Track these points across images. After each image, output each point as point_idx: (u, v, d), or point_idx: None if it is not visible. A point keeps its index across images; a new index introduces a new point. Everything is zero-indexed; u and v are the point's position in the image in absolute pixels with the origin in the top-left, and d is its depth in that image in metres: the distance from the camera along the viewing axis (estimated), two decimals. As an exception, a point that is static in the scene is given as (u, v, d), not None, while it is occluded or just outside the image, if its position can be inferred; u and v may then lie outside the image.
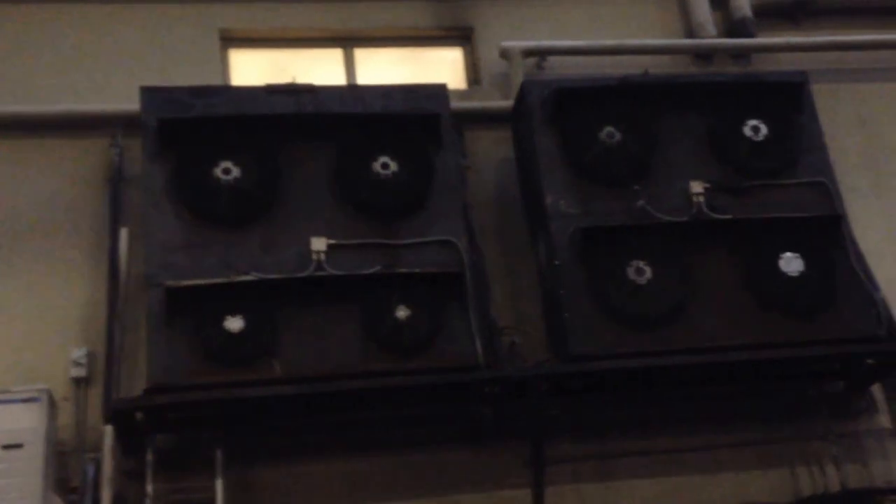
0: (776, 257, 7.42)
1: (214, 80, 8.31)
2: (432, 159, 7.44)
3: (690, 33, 9.07)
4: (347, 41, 8.83)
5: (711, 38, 8.95)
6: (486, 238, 7.92)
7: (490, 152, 8.24)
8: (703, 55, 9.01)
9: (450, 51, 9.05)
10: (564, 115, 7.68)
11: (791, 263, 7.42)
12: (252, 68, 8.67)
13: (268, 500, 7.13)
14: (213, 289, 6.82)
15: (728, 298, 7.36)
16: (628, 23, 9.10)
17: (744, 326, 7.29)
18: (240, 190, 7.13)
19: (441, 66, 8.98)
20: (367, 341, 6.89)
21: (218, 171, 7.13)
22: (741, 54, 9.04)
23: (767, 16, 9.27)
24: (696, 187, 7.57)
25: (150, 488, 6.81)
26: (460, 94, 8.54)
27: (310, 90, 7.57)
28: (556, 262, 7.29)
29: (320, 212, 7.22)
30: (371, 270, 7.03)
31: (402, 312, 6.93)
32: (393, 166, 7.32)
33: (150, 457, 6.89)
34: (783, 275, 7.39)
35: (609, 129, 7.64)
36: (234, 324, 6.76)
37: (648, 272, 7.27)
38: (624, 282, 7.24)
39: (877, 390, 7.93)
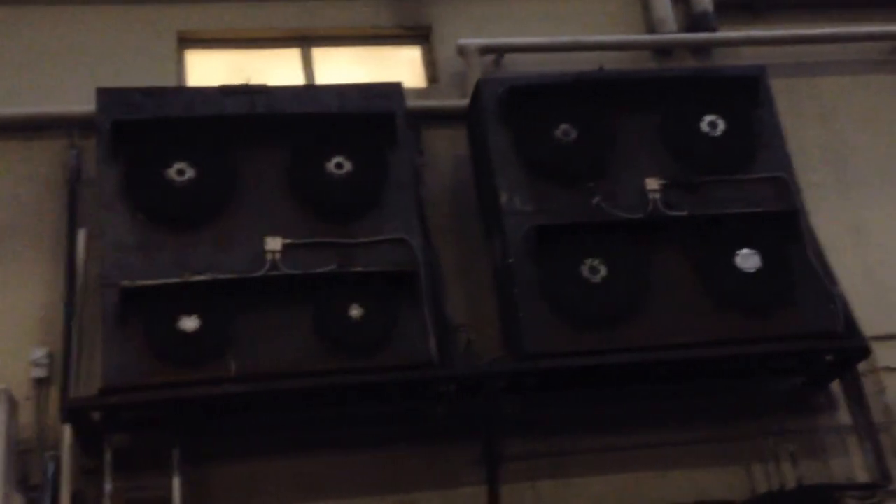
0: (732, 254, 7.72)
1: (171, 82, 8.66)
2: (386, 158, 7.75)
3: (651, 29, 9.35)
4: (305, 41, 9.17)
5: (671, 34, 9.20)
6: (443, 236, 8.25)
7: (447, 150, 8.55)
8: (663, 50, 9.34)
9: (408, 49, 9.36)
10: (518, 112, 7.99)
11: (747, 260, 7.73)
12: (210, 69, 8.99)
13: (224, 498, 7.44)
14: (166, 289, 7.14)
15: (684, 296, 7.65)
16: (589, 19, 9.40)
17: (699, 324, 7.58)
18: (194, 190, 7.46)
19: (400, 65, 9.28)
20: (320, 340, 7.20)
21: (172, 172, 7.46)
22: (701, 49, 9.38)
23: (729, 10, 9.56)
24: (652, 184, 7.86)
25: (107, 486, 7.10)
26: (418, 93, 8.88)
27: (264, 91, 7.89)
28: (510, 261, 7.59)
29: (275, 212, 7.53)
30: (325, 269, 7.32)
31: (355, 311, 7.25)
32: (347, 166, 7.64)
33: (108, 455, 7.18)
34: (739, 271, 7.71)
35: (564, 126, 7.97)
36: (189, 323, 7.09)
37: (603, 270, 7.58)
38: (578, 280, 7.55)
39: (837, 387, 8.15)
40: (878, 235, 8.91)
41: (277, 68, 9.07)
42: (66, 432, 7.11)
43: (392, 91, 8.04)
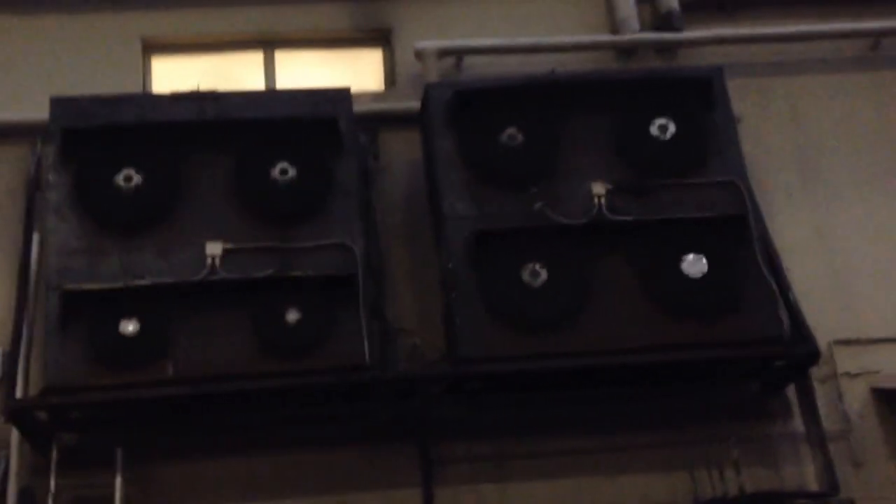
0: (678, 259, 7.96)
1: (136, 88, 9.18)
2: (331, 164, 8.13)
3: (615, 29, 9.60)
4: (268, 44, 9.59)
5: (634, 34, 9.45)
6: (396, 239, 8.71)
7: (403, 154, 8.88)
8: (626, 51, 9.56)
9: (370, 52, 9.73)
10: (464, 117, 8.30)
11: (693, 265, 7.95)
12: (175, 75, 9.45)
13: (168, 497, 7.94)
14: (107, 293, 7.62)
15: (627, 301, 7.89)
16: (554, 20, 9.66)
17: (641, 329, 7.82)
18: (140, 196, 7.92)
19: (362, 68, 9.66)
20: (257, 343, 7.62)
21: (119, 179, 7.93)
22: (666, 49, 9.58)
23: (700, 8, 9.75)
24: (598, 188, 8.10)
25: (52, 484, 7.62)
26: (376, 96, 9.30)
27: (214, 97, 8.30)
28: (450, 265, 7.93)
29: (219, 217, 7.94)
30: (262, 274, 7.74)
31: (292, 315, 7.66)
32: (291, 171, 8.04)
33: (54, 454, 7.71)
34: (684, 276, 7.94)
35: (510, 130, 8.26)
36: (128, 327, 7.56)
37: (543, 275, 7.88)
38: (517, 285, 7.86)
39: (792, 393, 8.39)
40: (844, 239, 9.07)
41: (241, 72, 9.52)
42: (14, 431, 7.68)
43: (340, 96, 8.39)
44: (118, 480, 7.68)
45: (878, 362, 8.64)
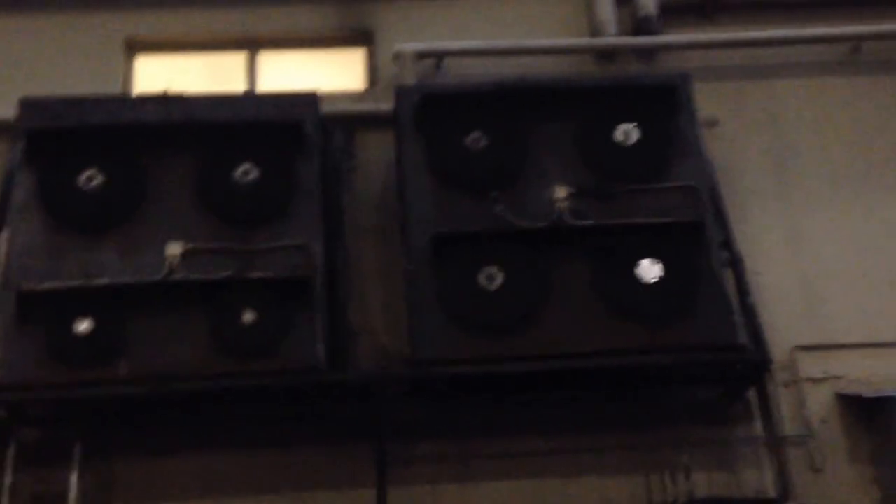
0: (634, 264, 7.78)
1: (118, 88, 9.14)
2: (295, 167, 7.99)
3: (595, 32, 9.37)
4: (252, 45, 9.48)
5: (613, 37, 9.22)
6: (368, 240, 8.60)
7: (380, 154, 8.73)
8: (605, 54, 9.32)
9: (352, 53, 9.58)
10: (431, 120, 8.15)
11: (648, 270, 7.77)
12: (158, 75, 9.38)
13: (127, 494, 7.88)
14: (65, 292, 7.54)
15: (584, 305, 7.72)
16: (534, 23, 9.45)
17: (597, 333, 7.64)
18: (102, 197, 7.84)
19: (344, 69, 9.52)
20: (213, 344, 7.50)
21: (82, 179, 7.84)
22: (646, 53, 9.32)
23: (680, 12, 9.53)
24: (560, 193, 7.94)
25: (8, 480, 7.64)
26: (355, 97, 9.16)
27: (181, 99, 8.20)
28: (410, 268, 7.79)
29: (181, 218, 7.83)
30: (220, 275, 7.62)
31: (248, 316, 7.54)
32: (254, 174, 7.92)
33: (11, 450, 7.70)
34: (639, 282, 7.75)
35: (475, 134, 8.09)
36: (83, 326, 7.47)
37: (500, 279, 7.71)
38: (474, 288, 7.70)
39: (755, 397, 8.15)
40: (816, 243, 8.83)
41: (225, 73, 9.42)
42: (-27, 426, 7.66)
43: (306, 101, 8.26)
44: (74, 476, 7.67)
45: (844, 367, 8.44)
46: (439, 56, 9.15)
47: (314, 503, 7.91)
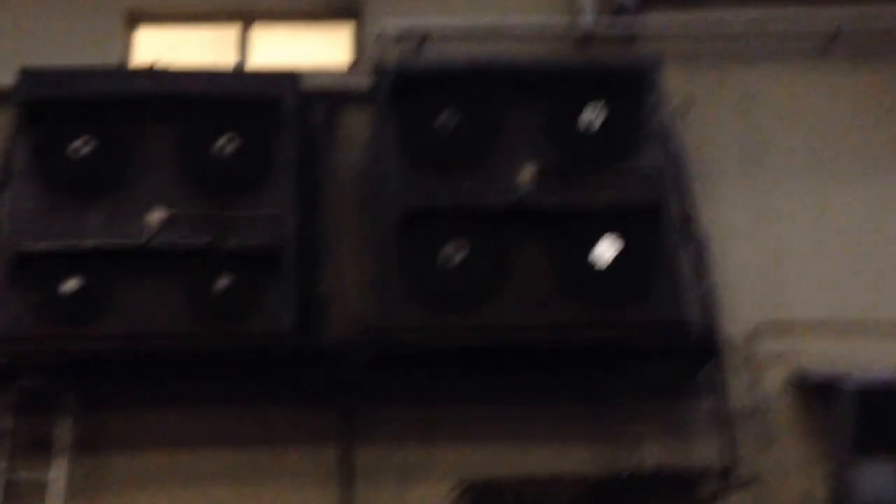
0: (592, 243, 7.96)
1: (120, 57, 9.44)
2: (271, 141, 8.25)
3: (575, 15, 9.47)
4: (245, 17, 9.71)
5: (590, 21, 9.34)
6: (345, 212, 8.83)
7: (362, 130, 8.88)
8: (583, 38, 9.42)
9: (341, 28, 9.76)
10: (404, 99, 8.33)
11: (605, 250, 7.94)
12: (157, 46, 9.66)
13: (115, 441, 8.29)
14: (55, 254, 7.91)
15: (542, 282, 7.94)
16: (517, 5, 9.57)
17: (552, 310, 7.88)
18: (92, 164, 8.16)
19: (332, 44, 9.73)
20: (189, 307, 7.84)
21: (73, 147, 8.16)
22: (623, 37, 9.40)
23: (659, -3, 9.57)
24: (525, 174, 8.10)
25: (7, 423, 8.08)
26: (340, 73, 9.36)
27: (168, 72, 8.50)
28: (376, 242, 8.04)
29: (164, 187, 8.14)
30: (198, 242, 7.93)
31: (222, 282, 7.86)
32: (232, 146, 8.18)
33: (10, 398, 8.13)
34: (596, 261, 7.94)
35: (446, 113, 8.26)
36: (71, 285, 7.83)
37: (461, 255, 7.93)
38: (436, 263, 7.93)
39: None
40: (783, 224, 8.98)
41: (220, 45, 9.67)
42: (-25, 377, 8.09)
43: (287, 78, 8.51)
44: (66, 423, 8.11)
45: (802, 344, 8.55)
46: (421, 34, 9.28)
47: (286, 458, 8.26)
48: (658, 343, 8.05)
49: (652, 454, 8.25)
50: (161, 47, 9.64)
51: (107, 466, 8.19)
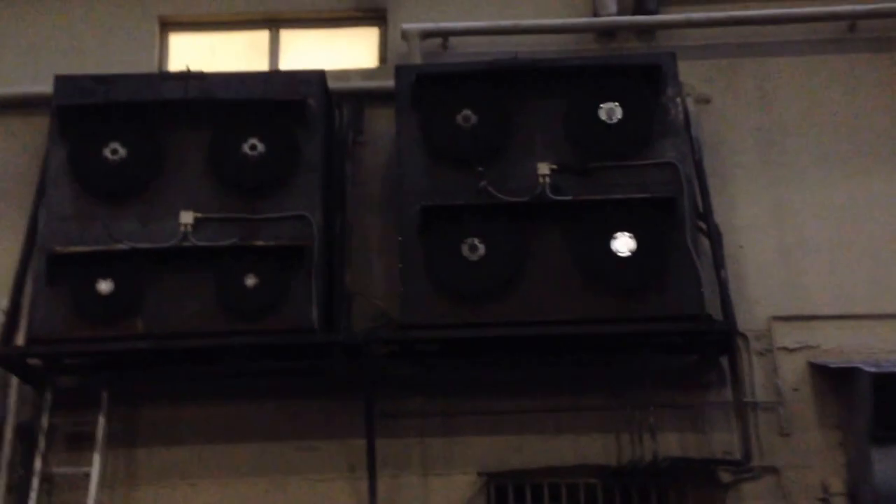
0: (610, 237, 7.93)
1: (154, 64, 9.55)
2: (298, 141, 8.29)
3: (596, 12, 9.42)
4: (274, 23, 9.77)
5: (612, 16, 9.28)
6: (371, 210, 8.85)
7: (388, 129, 8.77)
8: (606, 33, 9.38)
9: (367, 31, 9.81)
10: (426, 98, 8.35)
11: (623, 243, 7.92)
12: (190, 51, 9.76)
13: (148, 436, 8.38)
14: (89, 255, 8.00)
15: (561, 276, 7.90)
16: (539, 2, 9.54)
17: (572, 302, 7.84)
18: (124, 168, 8.25)
19: (359, 46, 9.77)
20: (219, 305, 7.91)
21: (107, 152, 8.26)
22: (644, 31, 9.35)
23: (680, -11, 9.48)
24: (543, 169, 8.07)
25: (44, 421, 8.15)
26: (366, 74, 9.38)
27: (199, 77, 8.53)
28: (400, 238, 8.07)
29: (194, 189, 8.20)
30: (226, 242, 8.01)
31: (250, 280, 7.92)
32: (260, 147, 8.24)
33: (48, 395, 8.23)
34: (613, 254, 7.90)
35: (466, 112, 8.27)
36: (104, 286, 7.93)
37: (482, 249, 7.93)
38: (457, 258, 7.94)
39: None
40: (799, 218, 8.83)
41: (250, 49, 9.78)
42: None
43: (312, 78, 8.53)
44: (101, 418, 8.17)
45: (819, 337, 8.48)
46: (444, 35, 9.29)
47: (312, 451, 8.30)
48: (676, 335, 8.02)
49: (671, 444, 8.18)
50: (194, 53, 9.72)
51: (140, 459, 8.28)
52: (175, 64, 9.67)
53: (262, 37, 9.80)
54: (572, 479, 8.24)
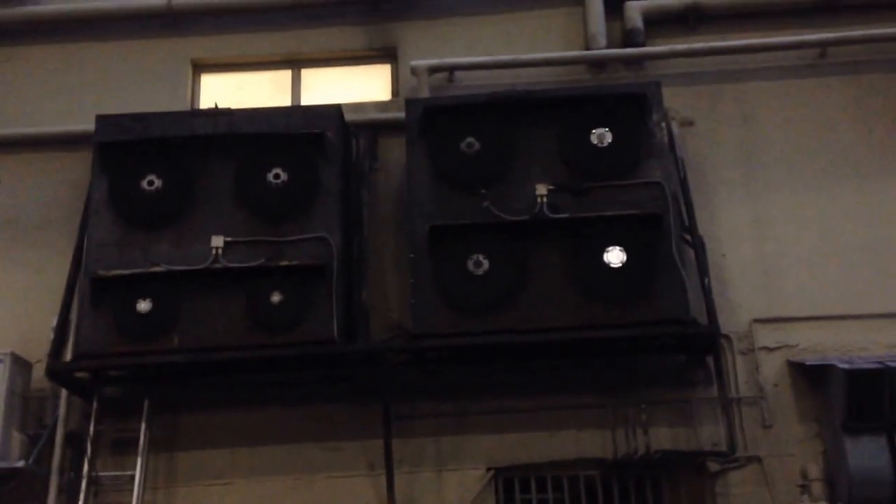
0: (602, 251, 8.14)
1: (187, 102, 9.82)
2: (318, 170, 8.55)
3: (587, 44, 9.65)
4: (295, 63, 10.05)
5: (602, 49, 9.51)
6: (388, 231, 9.09)
7: (400, 157, 9.02)
8: (597, 64, 9.60)
9: (381, 67, 10.06)
10: (433, 128, 8.61)
11: (614, 256, 8.13)
12: (220, 90, 10.05)
13: (186, 442, 8.61)
14: (128, 277, 8.27)
15: (558, 287, 8.12)
16: (536, 35, 9.75)
17: (569, 311, 8.06)
18: (160, 198, 8.52)
19: (374, 82, 10.02)
20: (247, 320, 8.16)
21: (144, 183, 8.54)
22: (633, 62, 9.57)
23: (666, 21, 9.71)
24: (541, 189, 8.29)
25: (91, 428, 8.44)
26: (380, 106, 9.64)
27: (227, 113, 8.82)
28: (411, 256, 8.31)
29: (224, 215, 8.46)
30: (254, 263, 8.25)
31: (276, 297, 8.16)
32: (283, 176, 8.50)
33: (95, 405, 8.51)
34: (606, 267, 8.11)
35: (469, 139, 8.52)
36: (143, 306, 8.20)
37: (486, 265, 8.16)
38: (463, 273, 8.17)
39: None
40: (777, 229, 9.00)
41: (274, 87, 10.05)
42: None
43: (330, 112, 8.80)
44: (143, 426, 8.44)
45: (796, 337, 8.66)
46: (450, 69, 9.54)
47: (335, 452, 8.50)
48: (665, 338, 8.20)
49: (662, 438, 8.37)
50: (223, 92, 9.98)
51: (179, 462, 8.51)
52: (206, 102, 9.95)
53: (284, 76, 10.07)
54: (573, 472, 8.49)
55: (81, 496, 8.15)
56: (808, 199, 9.10)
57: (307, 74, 10.06)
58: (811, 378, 8.43)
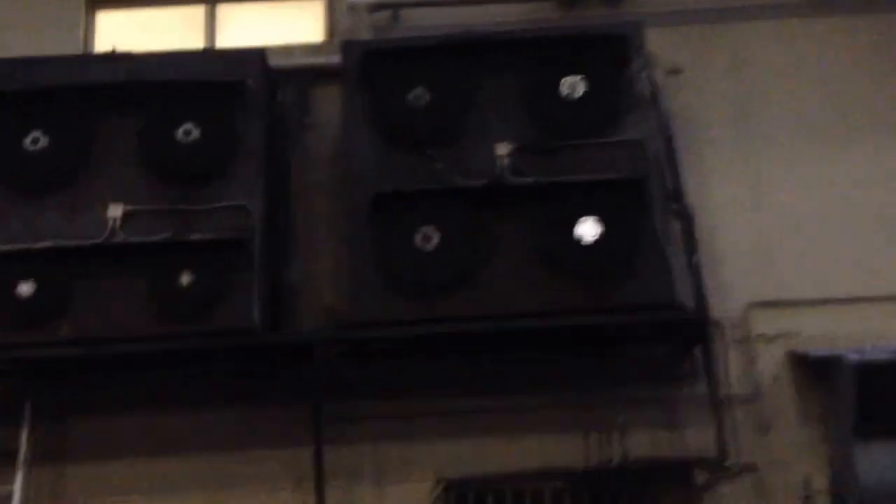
0: (574, 222, 7.62)
1: (78, 45, 9.09)
2: (236, 125, 7.91)
3: (561, -21, 9.09)
4: (211, -2, 9.38)
5: (573, -18, 8.94)
6: (320, 198, 8.49)
7: (337, 110, 8.45)
8: (568, 0, 9.00)
9: (312, 4, 9.41)
10: (375, 76, 8.02)
11: (588, 229, 7.60)
12: (119, 31, 9.30)
13: (76, 452, 8.00)
14: (8, 255, 7.58)
15: (523, 265, 7.62)
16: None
17: (534, 293, 7.55)
18: (46, 159, 7.84)
19: (304, 21, 9.36)
20: (151, 306, 7.51)
21: (27, 141, 7.83)
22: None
23: (650, -46, 9.19)
24: (502, 149, 7.76)
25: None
26: (311, 50, 9.04)
27: (128, 57, 8.17)
28: (347, 228, 7.71)
29: (124, 179, 7.82)
30: (159, 237, 7.59)
31: (185, 278, 7.53)
32: (195, 133, 7.86)
33: (-33, 407, 7.87)
34: (579, 240, 7.60)
35: (418, 89, 7.93)
36: (26, 288, 7.50)
37: (436, 239, 7.63)
38: (410, 249, 7.60)
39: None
40: (777, 196, 8.56)
41: (184, 27, 9.33)
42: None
43: (251, 57, 8.18)
44: (24, 432, 7.80)
45: (799, 324, 8.22)
46: (394, 7, 8.97)
47: (255, 464, 7.95)
48: (646, 325, 7.73)
49: (643, 443, 7.90)
50: (124, 32, 9.27)
51: (68, 476, 7.92)
52: (102, 44, 9.19)
53: (197, 12, 9.39)
54: (537, 485, 7.90)
55: (-52, 517, 7.58)
56: (815, 159, 8.66)
57: (224, 10, 9.41)
58: (816, 372, 8.03)
